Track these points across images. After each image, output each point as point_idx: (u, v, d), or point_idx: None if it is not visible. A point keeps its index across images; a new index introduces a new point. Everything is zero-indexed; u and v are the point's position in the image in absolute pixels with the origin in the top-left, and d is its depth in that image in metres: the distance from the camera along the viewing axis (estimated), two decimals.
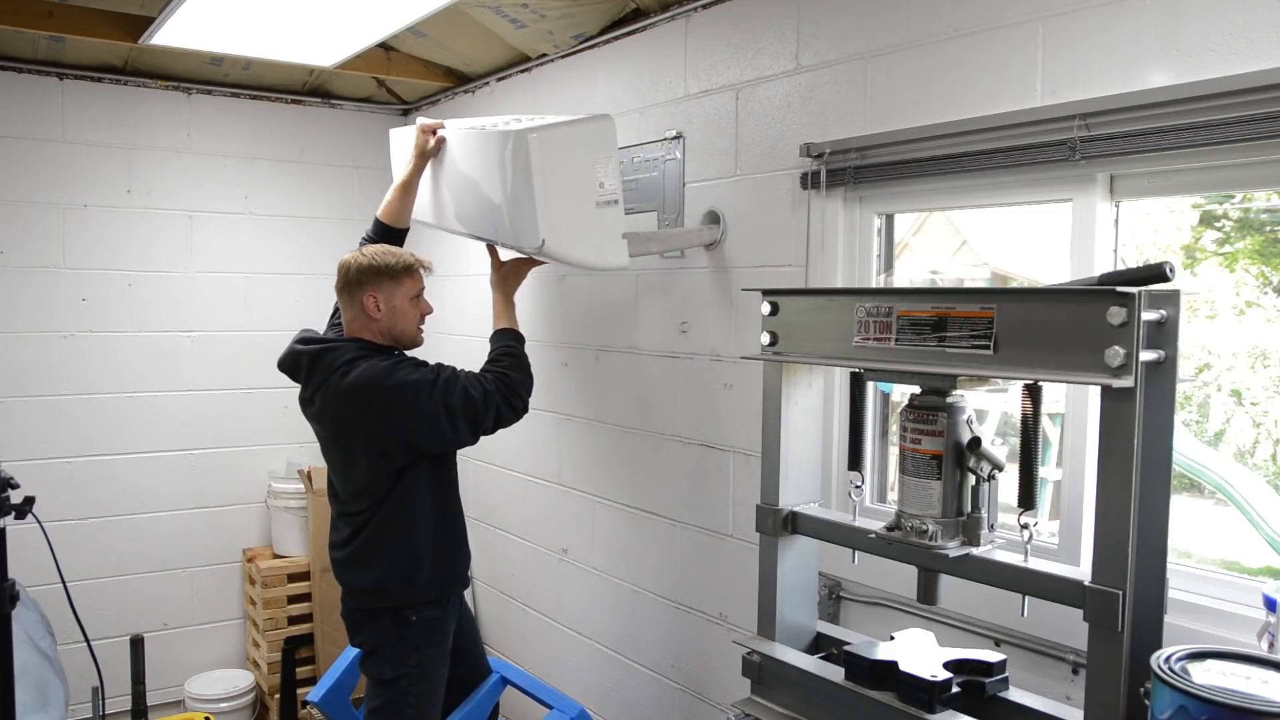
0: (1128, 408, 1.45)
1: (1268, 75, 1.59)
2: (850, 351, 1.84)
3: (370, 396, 2.37)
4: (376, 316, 2.49)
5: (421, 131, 2.76)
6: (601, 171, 2.36)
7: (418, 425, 2.38)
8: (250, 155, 4.22)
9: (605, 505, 3.26)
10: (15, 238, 3.77)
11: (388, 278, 2.48)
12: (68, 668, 3.17)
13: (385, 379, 2.36)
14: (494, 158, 2.43)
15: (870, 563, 2.04)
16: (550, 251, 2.36)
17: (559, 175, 2.33)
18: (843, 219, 2.40)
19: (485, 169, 2.51)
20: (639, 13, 3.00)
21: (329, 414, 2.47)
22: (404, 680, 2.49)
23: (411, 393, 2.35)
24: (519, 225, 2.37)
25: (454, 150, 2.71)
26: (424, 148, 2.76)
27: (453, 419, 2.37)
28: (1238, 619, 1.70)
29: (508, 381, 2.45)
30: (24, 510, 2.11)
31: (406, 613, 2.49)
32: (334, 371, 2.41)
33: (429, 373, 2.40)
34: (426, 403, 2.35)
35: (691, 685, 2.92)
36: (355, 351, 2.44)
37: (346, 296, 2.52)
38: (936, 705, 1.70)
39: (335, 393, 2.41)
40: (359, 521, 2.50)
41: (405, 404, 2.36)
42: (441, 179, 2.80)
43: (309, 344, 2.53)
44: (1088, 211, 1.92)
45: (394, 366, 2.40)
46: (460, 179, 2.69)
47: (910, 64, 2.20)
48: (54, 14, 3.25)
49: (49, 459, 3.84)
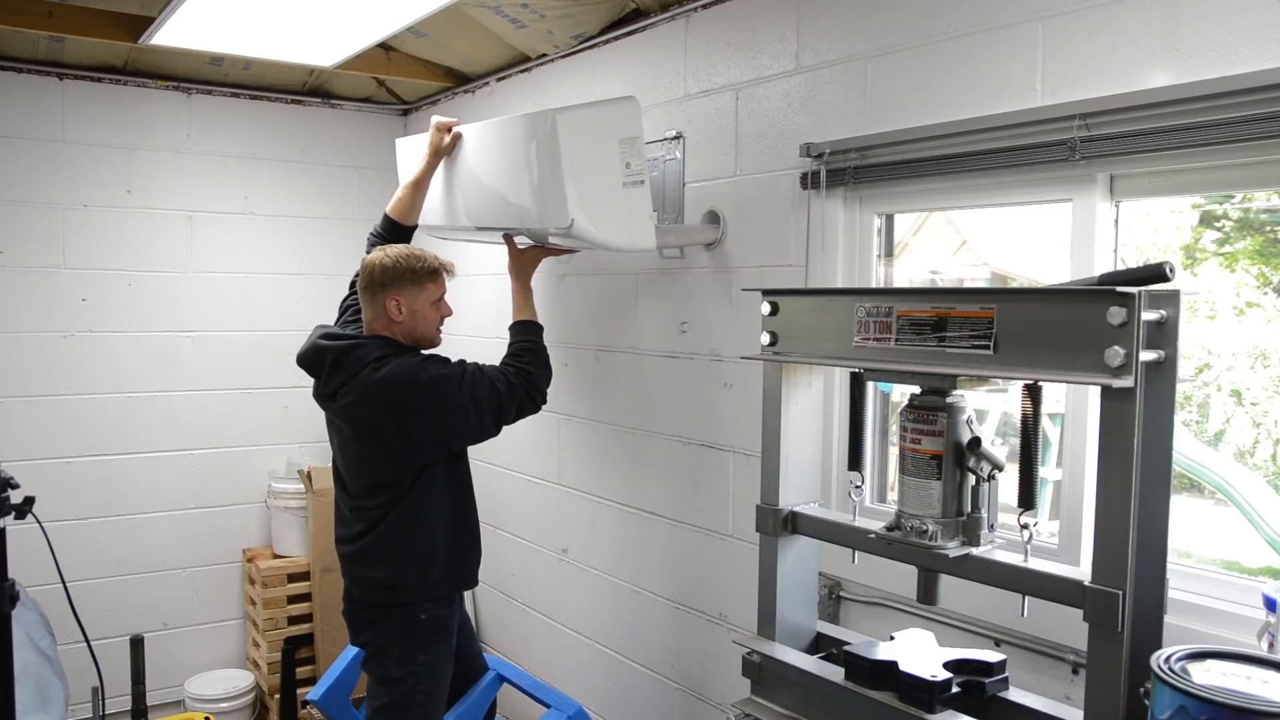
0: (1128, 408, 1.45)
1: (1268, 75, 1.58)
2: (850, 351, 1.84)
3: (404, 391, 2.42)
4: (398, 319, 2.51)
5: (437, 129, 2.77)
6: (627, 152, 2.39)
7: (450, 419, 2.44)
8: (250, 155, 4.22)
9: (605, 505, 3.26)
10: (15, 238, 3.77)
11: (411, 282, 2.50)
12: (68, 668, 3.17)
13: (419, 374, 2.43)
14: (520, 141, 2.46)
15: (870, 563, 2.04)
16: (579, 232, 2.36)
17: (586, 155, 2.35)
18: (843, 219, 2.40)
19: (510, 155, 2.52)
20: (639, 13, 3.00)
21: (356, 409, 2.48)
22: (411, 679, 2.50)
23: (443, 387, 2.42)
24: (547, 207, 2.39)
25: (471, 145, 2.73)
26: (439, 145, 2.77)
27: (480, 412, 2.44)
28: (1238, 619, 1.70)
29: (529, 376, 2.52)
30: (24, 510, 2.11)
31: (416, 611, 2.52)
32: (364, 367, 2.45)
33: (456, 368, 2.47)
34: (457, 396, 2.41)
35: (691, 685, 2.92)
36: (384, 349, 2.48)
37: (369, 296, 2.53)
38: (936, 705, 1.70)
39: (366, 388, 2.44)
40: (375, 516, 2.52)
41: (438, 398, 2.42)
42: (454, 177, 2.81)
43: (334, 340, 2.54)
44: (1088, 211, 1.92)
45: (425, 362, 2.47)
46: (478, 172, 2.71)
47: (910, 64, 2.20)
48: (54, 14, 3.25)
49: (49, 459, 3.84)
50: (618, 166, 2.38)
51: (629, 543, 3.16)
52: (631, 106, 2.43)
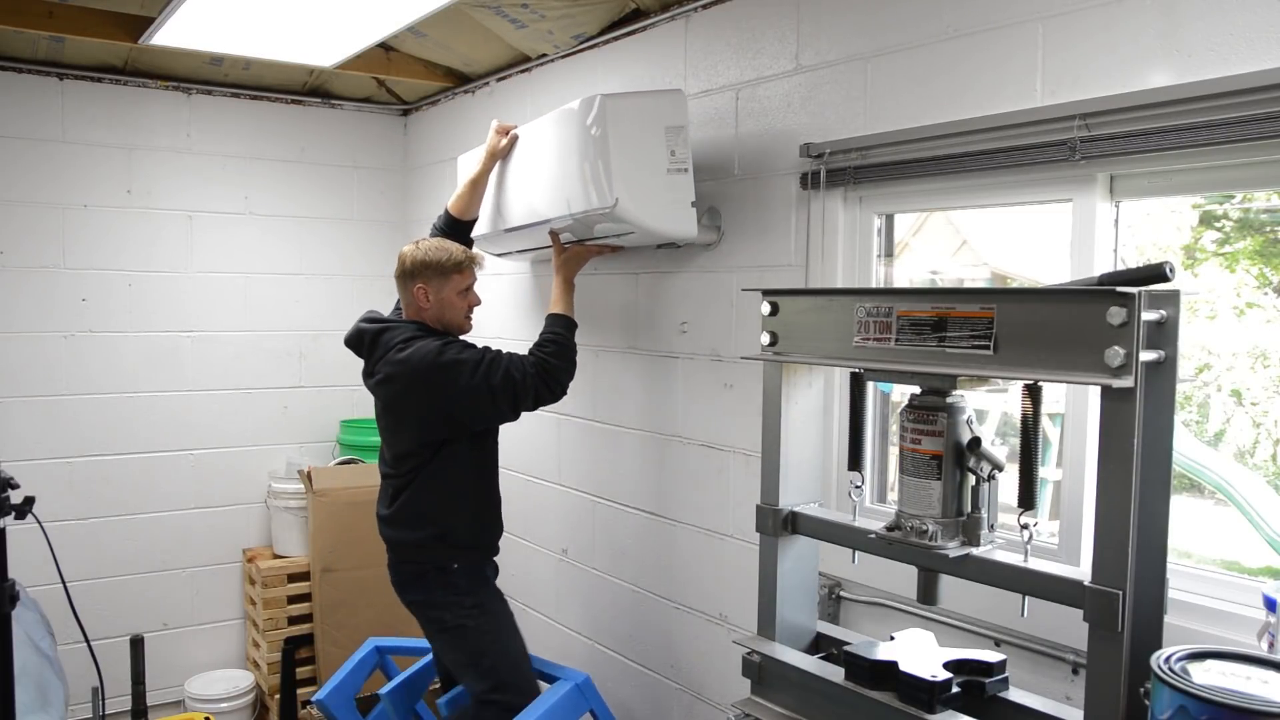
0: (1128, 408, 1.45)
1: (1268, 75, 1.59)
2: (850, 351, 1.84)
3: (419, 372, 2.59)
4: (426, 306, 2.72)
5: (496, 132, 2.95)
6: (672, 140, 2.49)
7: (460, 400, 2.59)
8: (250, 155, 4.22)
9: (605, 505, 3.26)
10: (15, 238, 3.77)
11: (437, 273, 2.69)
12: (68, 668, 3.16)
13: (435, 357, 2.58)
14: (571, 125, 2.55)
15: (870, 563, 2.04)
16: (622, 213, 2.45)
17: (632, 138, 2.46)
18: (842, 219, 2.40)
19: (561, 141, 2.62)
20: (639, 13, 3.00)
21: (385, 385, 2.69)
22: (469, 620, 2.67)
23: (456, 371, 2.56)
24: (593, 187, 2.48)
25: (523, 143, 2.89)
26: (495, 147, 2.94)
27: (494, 397, 2.57)
28: (1238, 619, 1.70)
29: (547, 367, 2.64)
30: (24, 510, 2.11)
31: (448, 563, 2.70)
32: (391, 348, 2.65)
33: (476, 354, 2.60)
34: (470, 380, 2.55)
35: (691, 685, 2.92)
36: (412, 331, 2.68)
37: (401, 285, 2.75)
38: (936, 705, 1.70)
39: (392, 366, 2.63)
40: (400, 484, 2.73)
41: (450, 380, 2.57)
42: (504, 180, 2.98)
43: (372, 323, 2.78)
44: (1088, 211, 1.92)
45: (444, 346, 2.61)
46: (527, 166, 2.84)
47: (910, 64, 2.20)
48: (54, 14, 3.25)
49: (49, 459, 3.84)
50: (662, 153, 2.48)
51: (629, 543, 3.16)
52: (678, 98, 2.54)
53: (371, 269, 4.49)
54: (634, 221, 2.47)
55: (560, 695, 2.62)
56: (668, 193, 2.49)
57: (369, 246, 4.50)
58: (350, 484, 3.99)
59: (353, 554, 3.97)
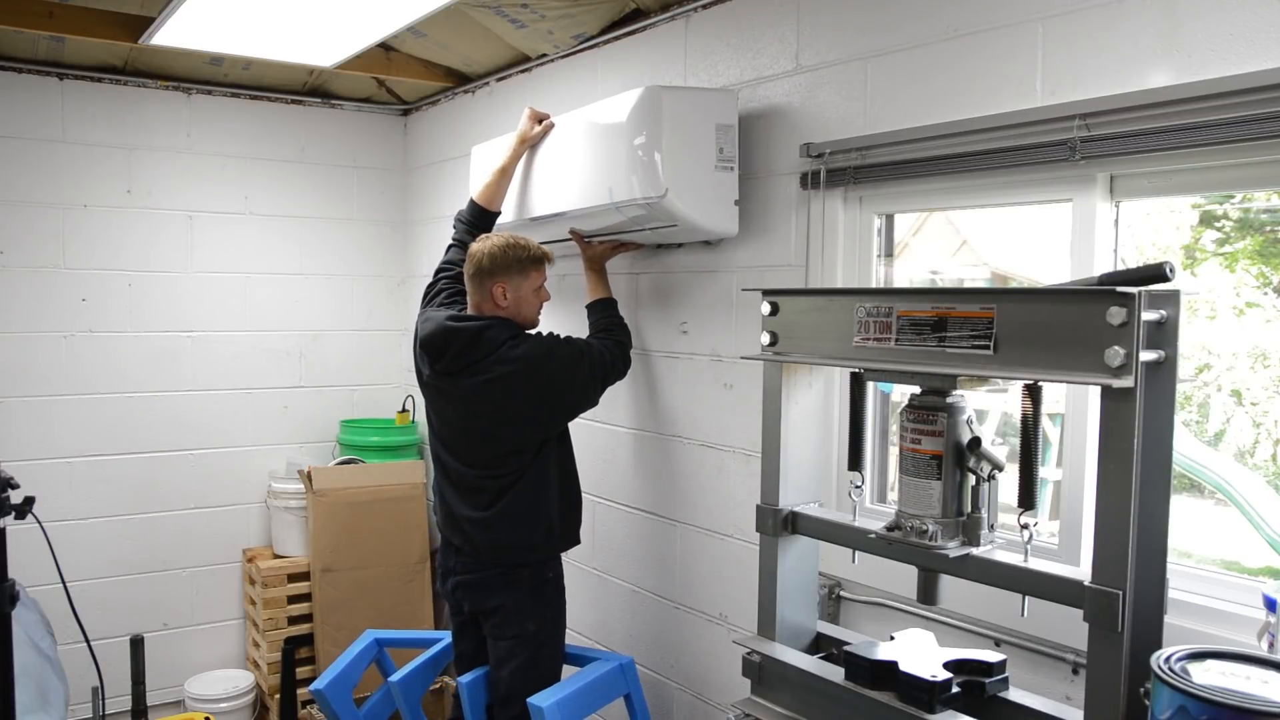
0: (1128, 408, 1.45)
1: (1268, 75, 1.58)
2: (850, 351, 1.84)
3: (545, 367, 2.60)
4: (504, 305, 2.65)
5: (529, 119, 2.91)
6: (721, 138, 2.51)
7: (578, 391, 2.66)
8: (250, 155, 4.22)
9: (605, 505, 3.26)
10: (15, 238, 3.77)
11: (516, 271, 2.63)
12: (68, 668, 3.16)
13: (558, 351, 2.63)
14: (624, 114, 2.53)
15: (870, 563, 2.04)
16: (670, 205, 2.45)
17: (684, 132, 2.47)
18: (843, 219, 2.40)
19: (607, 131, 2.60)
20: (639, 13, 3.00)
21: (496, 384, 2.59)
22: (543, 632, 2.69)
23: (577, 363, 2.63)
24: (642, 176, 2.46)
25: (558, 132, 2.86)
26: (528, 133, 2.91)
27: (596, 385, 2.67)
28: (1238, 619, 1.69)
29: (624, 347, 2.76)
30: (24, 510, 2.11)
31: (545, 570, 2.71)
32: (500, 345, 2.59)
33: (579, 345, 2.68)
34: (584, 371, 2.64)
35: (691, 685, 2.92)
36: (511, 329, 2.64)
37: (476, 283, 2.66)
38: (936, 705, 1.70)
39: (507, 364, 2.57)
40: (504, 484, 2.66)
41: (571, 373, 2.63)
42: (530, 169, 2.96)
43: (463, 321, 2.65)
44: (1088, 211, 1.92)
45: (556, 342, 2.66)
46: (563, 156, 2.82)
47: (910, 64, 2.20)
48: (54, 14, 3.25)
49: (49, 459, 3.84)
50: (711, 149, 2.50)
51: (629, 543, 3.16)
52: (730, 97, 2.55)
53: (371, 269, 4.50)
54: (679, 214, 2.47)
55: (604, 670, 2.68)
56: (714, 188, 2.51)
57: (369, 246, 4.51)
58: (350, 484, 3.99)
59: (353, 554, 3.97)
